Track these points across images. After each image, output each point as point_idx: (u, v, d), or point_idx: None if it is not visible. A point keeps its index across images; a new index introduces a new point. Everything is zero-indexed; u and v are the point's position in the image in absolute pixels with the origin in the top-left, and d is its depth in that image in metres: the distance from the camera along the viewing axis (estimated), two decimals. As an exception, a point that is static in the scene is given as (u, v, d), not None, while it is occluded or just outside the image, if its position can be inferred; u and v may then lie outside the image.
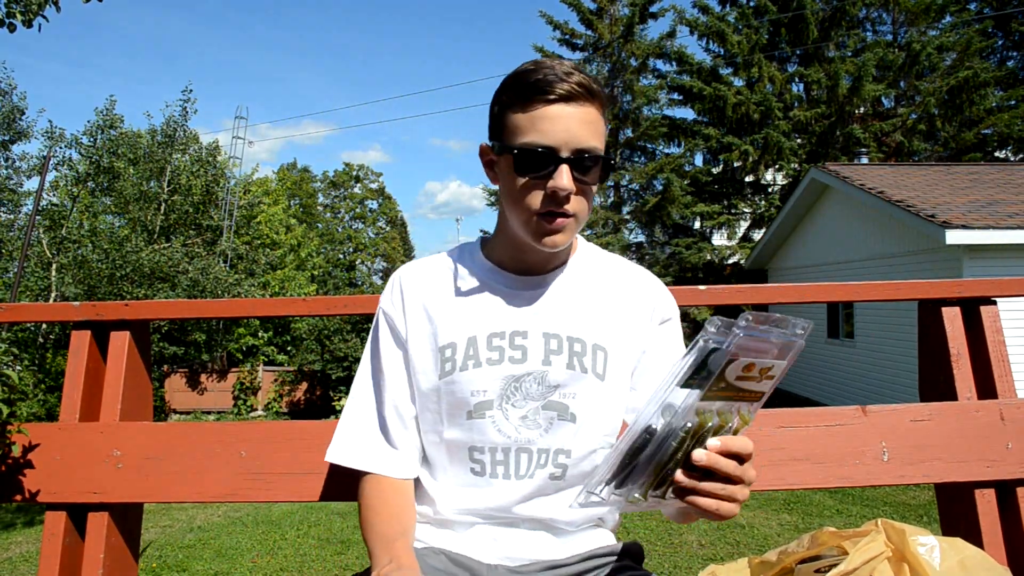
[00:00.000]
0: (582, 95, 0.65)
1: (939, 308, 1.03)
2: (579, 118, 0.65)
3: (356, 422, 0.75)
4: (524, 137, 0.66)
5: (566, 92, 0.65)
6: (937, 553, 0.75)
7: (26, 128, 10.29)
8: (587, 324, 0.72)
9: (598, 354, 0.71)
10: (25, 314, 1.21)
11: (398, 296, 0.76)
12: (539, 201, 0.66)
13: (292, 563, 3.32)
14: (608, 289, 0.75)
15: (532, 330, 0.71)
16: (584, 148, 0.66)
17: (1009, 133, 10.92)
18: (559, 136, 0.65)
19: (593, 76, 0.68)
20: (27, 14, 2.05)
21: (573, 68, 0.66)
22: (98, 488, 0.97)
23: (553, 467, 0.70)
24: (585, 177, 0.66)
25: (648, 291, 0.76)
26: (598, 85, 0.67)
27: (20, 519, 4.92)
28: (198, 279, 9.81)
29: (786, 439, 0.96)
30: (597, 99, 0.67)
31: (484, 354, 0.71)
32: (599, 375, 0.71)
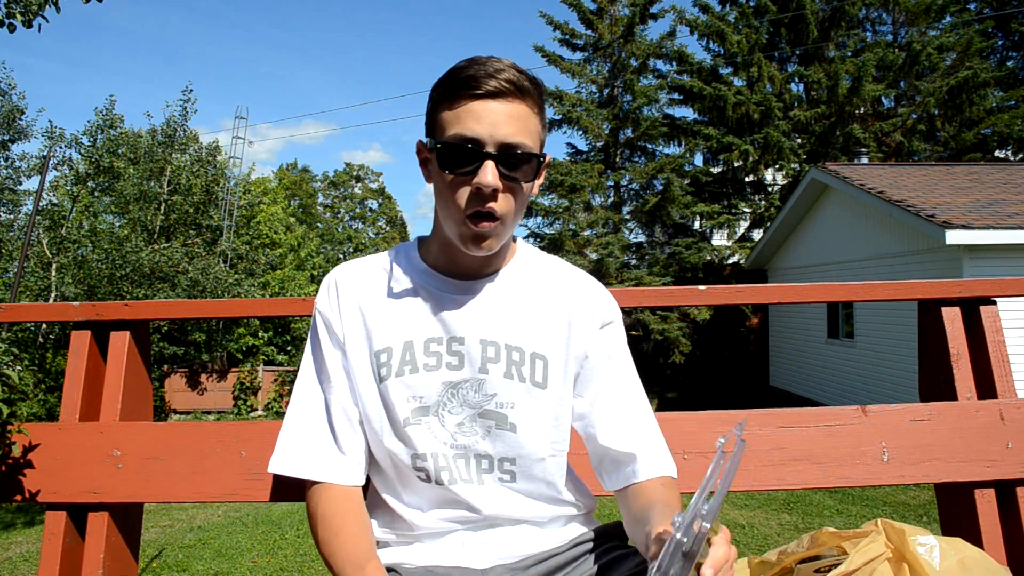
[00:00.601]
0: (510, 91, 0.64)
1: (939, 308, 1.03)
2: (506, 113, 0.64)
3: (302, 428, 0.72)
4: (450, 130, 0.64)
5: (493, 88, 0.63)
6: (937, 553, 0.75)
7: (26, 128, 10.28)
8: (525, 332, 0.70)
9: (537, 363, 0.70)
10: (25, 314, 1.21)
11: (334, 298, 0.74)
12: (465, 199, 0.65)
13: (292, 563, 3.32)
14: (547, 295, 0.73)
15: (469, 336, 0.70)
16: (511, 143, 0.64)
17: (1009, 133, 10.91)
18: (484, 131, 0.63)
19: (528, 73, 0.66)
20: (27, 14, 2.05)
21: (506, 65, 0.64)
22: (98, 488, 0.97)
23: (500, 473, 0.70)
24: (513, 174, 0.64)
25: (588, 295, 0.74)
26: (531, 82, 0.66)
27: (20, 519, 4.92)
28: (198, 279, 9.81)
29: (786, 439, 0.96)
30: (528, 96, 0.65)
31: (421, 359, 0.69)
32: (539, 384, 0.70)
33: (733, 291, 1.05)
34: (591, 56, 12.18)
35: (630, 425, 0.72)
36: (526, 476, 0.70)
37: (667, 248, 11.83)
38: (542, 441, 0.70)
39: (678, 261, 11.34)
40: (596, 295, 0.75)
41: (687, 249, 11.35)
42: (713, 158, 12.28)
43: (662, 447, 0.73)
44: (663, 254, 11.80)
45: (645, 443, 0.72)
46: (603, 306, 0.75)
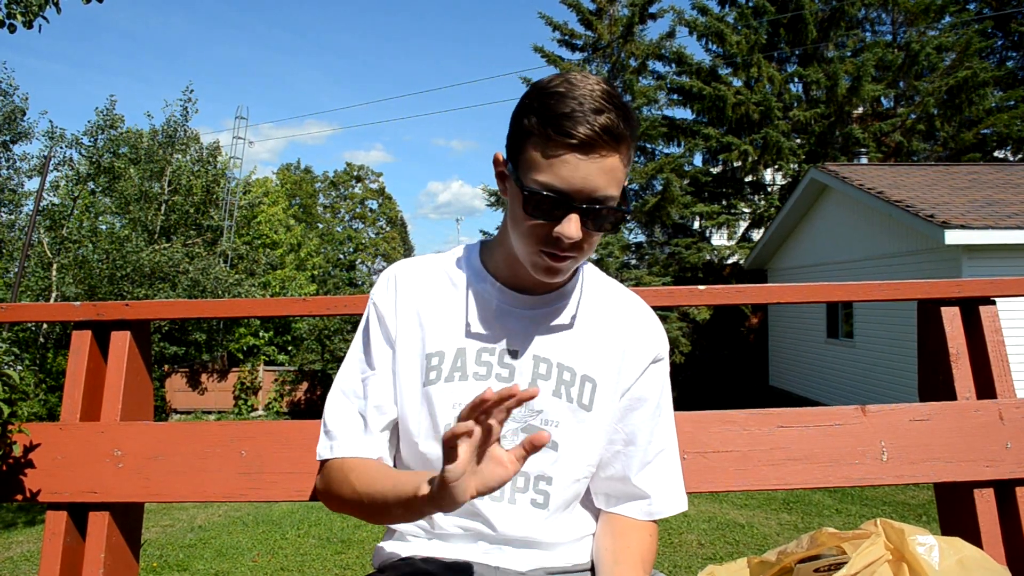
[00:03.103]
0: (606, 143, 0.60)
1: (938, 308, 1.03)
2: (599, 168, 0.61)
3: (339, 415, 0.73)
4: (540, 176, 0.62)
5: (590, 139, 0.60)
6: (936, 553, 0.75)
7: (27, 129, 10.28)
8: (579, 354, 0.71)
9: (586, 385, 0.70)
10: (26, 314, 1.21)
11: (392, 293, 0.73)
12: (543, 239, 0.64)
13: (292, 562, 3.32)
14: (604, 320, 0.73)
15: (523, 351, 0.70)
16: (598, 198, 0.62)
17: (1008, 133, 10.92)
18: (575, 184, 0.61)
19: (627, 110, 0.62)
20: (27, 15, 2.05)
21: (603, 103, 0.60)
22: (99, 488, 0.97)
23: (535, 493, 0.70)
24: (596, 226, 0.64)
25: (645, 328, 0.75)
26: (628, 123, 0.62)
27: (21, 519, 4.92)
28: (198, 279, 9.82)
29: (786, 439, 0.96)
30: (623, 143, 0.62)
31: (471, 367, 0.69)
32: (585, 406, 0.70)
33: (732, 291, 1.06)
34: (590, 56, 12.18)
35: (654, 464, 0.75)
36: (559, 498, 0.70)
37: (667, 248, 11.83)
38: (580, 463, 0.71)
39: (678, 261, 11.34)
40: (652, 329, 0.76)
41: (687, 249, 11.35)
42: (712, 158, 12.28)
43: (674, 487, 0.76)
44: (663, 254, 11.80)
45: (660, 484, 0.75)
46: (657, 341, 0.76)
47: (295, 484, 0.96)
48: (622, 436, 0.74)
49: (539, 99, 0.62)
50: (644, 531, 0.73)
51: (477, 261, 0.75)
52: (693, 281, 11.29)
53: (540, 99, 0.62)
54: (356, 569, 3.16)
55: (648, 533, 0.74)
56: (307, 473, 0.97)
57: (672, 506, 0.75)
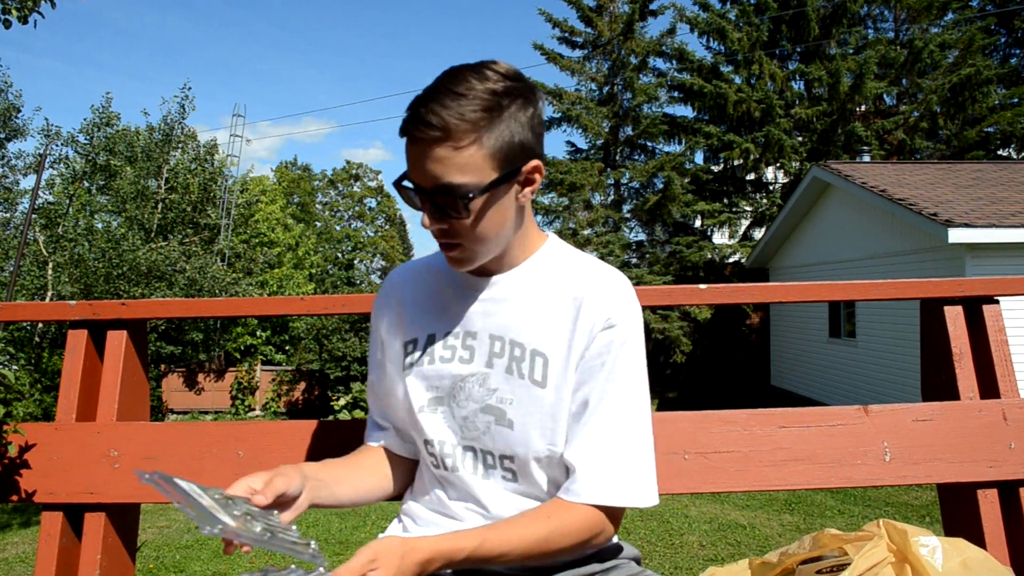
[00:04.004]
0: (433, 139, 0.62)
1: (941, 307, 1.02)
2: (431, 158, 0.62)
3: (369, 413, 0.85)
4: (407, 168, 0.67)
5: (417, 136, 0.62)
6: (939, 554, 0.74)
7: (22, 126, 10.27)
8: (530, 329, 0.70)
9: (536, 360, 0.69)
10: (21, 313, 1.20)
11: (382, 296, 0.80)
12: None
13: (290, 563, 3.32)
14: (558, 293, 0.71)
15: (481, 331, 0.72)
16: (439, 186, 0.63)
17: (1012, 131, 10.89)
18: (418, 176, 0.64)
19: (455, 95, 0.62)
20: (23, 10, 2.04)
21: (434, 91, 0.62)
22: (95, 488, 0.96)
23: (503, 471, 0.71)
24: (445, 213, 0.64)
25: (597, 294, 0.70)
26: (461, 115, 0.61)
27: (16, 520, 4.93)
28: (195, 278, 9.81)
29: (787, 439, 0.95)
30: (453, 135, 0.61)
31: (439, 352, 0.73)
32: (538, 382, 0.69)
33: (734, 290, 1.05)
34: (590, 54, 12.16)
35: (589, 437, 0.68)
36: (525, 477, 0.70)
37: (668, 247, 11.82)
38: (538, 441, 0.69)
39: (679, 260, 11.34)
40: (605, 294, 0.70)
41: (688, 248, 11.34)
42: (714, 156, 12.26)
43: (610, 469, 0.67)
44: (663, 253, 11.79)
45: (590, 460, 0.68)
46: (609, 306, 0.70)
47: (292, 485, 0.96)
48: (572, 412, 0.70)
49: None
50: (567, 510, 0.67)
51: None
52: (694, 280, 11.28)
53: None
54: (356, 568, 3.15)
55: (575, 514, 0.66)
56: (304, 474, 0.96)
57: (600, 491, 0.66)
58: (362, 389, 8.48)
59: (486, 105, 0.63)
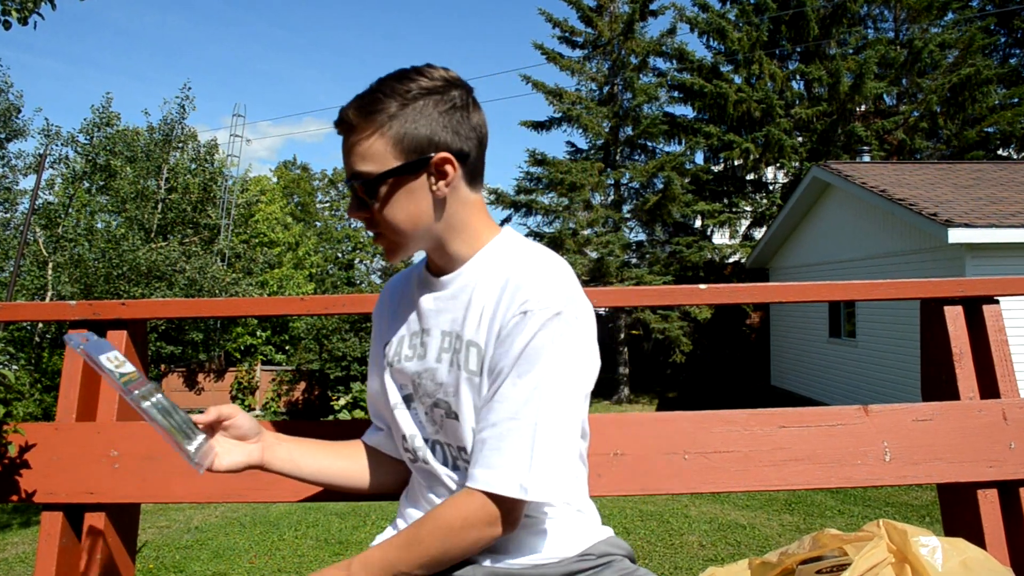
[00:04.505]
0: (345, 131, 0.71)
1: (941, 307, 1.03)
2: (346, 151, 0.71)
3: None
4: None
5: (339, 131, 0.71)
6: (939, 554, 0.74)
7: (22, 126, 10.27)
8: (466, 322, 0.73)
9: (471, 350, 0.71)
10: (21, 313, 1.20)
11: (378, 302, 0.87)
12: None
13: (290, 564, 3.32)
14: (489, 284, 0.72)
15: (434, 328, 0.76)
16: (351, 175, 0.71)
17: (1012, 131, 10.89)
18: (344, 167, 0.73)
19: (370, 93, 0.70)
20: (23, 11, 2.04)
21: (352, 103, 0.70)
22: (95, 488, 0.96)
23: (463, 462, 0.72)
24: (364, 199, 0.71)
25: (515, 282, 0.68)
26: (361, 109, 0.69)
27: (16, 519, 4.92)
28: (195, 278, 9.81)
29: (787, 439, 0.95)
30: (359, 127, 0.69)
31: (404, 351, 0.78)
32: (473, 372, 0.70)
33: (734, 290, 1.05)
34: (591, 54, 12.15)
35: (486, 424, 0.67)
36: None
37: (668, 247, 11.81)
38: None
39: (679, 260, 11.33)
40: (523, 282, 0.67)
41: (688, 248, 11.33)
42: (714, 156, 12.25)
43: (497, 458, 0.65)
44: (664, 253, 11.78)
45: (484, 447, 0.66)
46: (525, 292, 0.67)
47: (293, 485, 0.96)
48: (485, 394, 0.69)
49: None
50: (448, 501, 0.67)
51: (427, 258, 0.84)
52: (694, 280, 11.27)
53: None
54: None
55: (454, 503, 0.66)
56: (304, 474, 0.96)
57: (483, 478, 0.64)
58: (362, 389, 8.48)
59: (392, 100, 0.69)
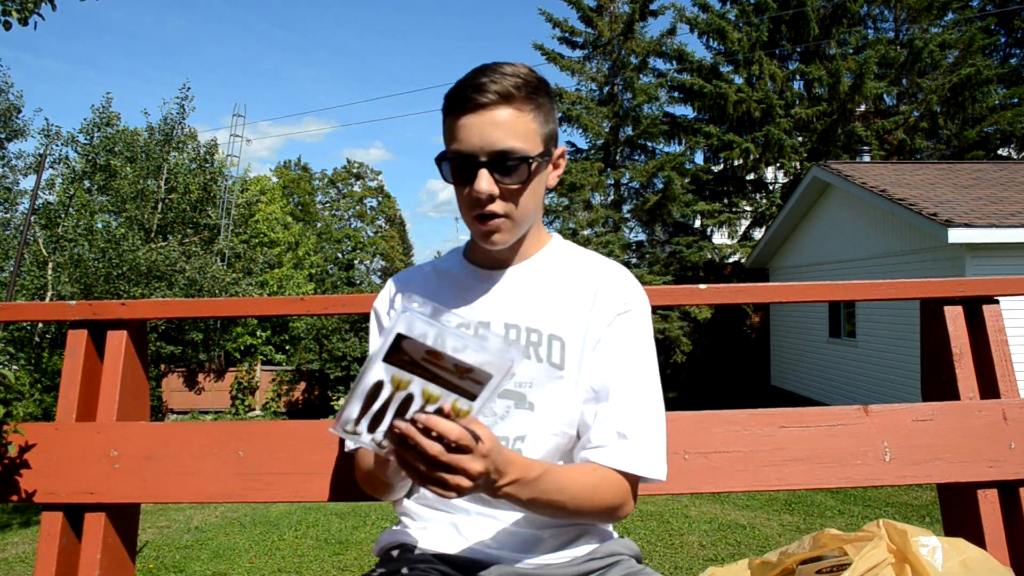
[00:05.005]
0: (495, 101, 0.69)
1: (941, 307, 1.02)
2: (492, 123, 0.69)
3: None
4: (449, 146, 0.71)
5: (481, 102, 0.68)
6: (939, 554, 0.74)
7: (22, 126, 10.28)
8: (545, 315, 0.74)
9: (554, 343, 0.73)
10: (21, 313, 1.20)
11: (386, 295, 0.83)
12: (469, 204, 0.71)
13: (290, 564, 3.32)
14: (570, 281, 0.76)
15: (495, 320, 0.75)
16: (500, 150, 0.69)
17: (1012, 131, 10.89)
18: (475, 143, 0.69)
19: (523, 76, 0.70)
20: (23, 12, 2.04)
21: (497, 76, 0.69)
22: (95, 488, 0.96)
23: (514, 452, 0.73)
24: (507, 178, 0.70)
25: (612, 281, 0.76)
26: (519, 87, 0.69)
27: (16, 519, 4.93)
28: (195, 278, 9.81)
29: (787, 439, 0.95)
30: (515, 100, 0.69)
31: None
32: (556, 364, 0.73)
33: (734, 290, 1.05)
34: (591, 54, 12.16)
35: (615, 417, 0.72)
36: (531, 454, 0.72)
37: (668, 247, 11.81)
38: (556, 421, 0.73)
39: (679, 260, 11.33)
40: (619, 281, 0.77)
41: (688, 248, 11.33)
42: (714, 156, 12.25)
43: (642, 445, 0.71)
44: (664, 253, 11.78)
45: (625, 434, 0.71)
46: (625, 292, 0.76)
47: (293, 485, 0.96)
48: (594, 390, 0.73)
49: (449, 88, 0.72)
50: (606, 470, 0.70)
51: (462, 253, 0.83)
52: (694, 280, 11.28)
53: (449, 88, 0.72)
54: (354, 570, 3.16)
55: (612, 476, 0.70)
56: (305, 473, 0.96)
57: (632, 461, 0.70)
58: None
59: (535, 86, 0.71)
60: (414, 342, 0.50)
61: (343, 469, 0.94)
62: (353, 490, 0.86)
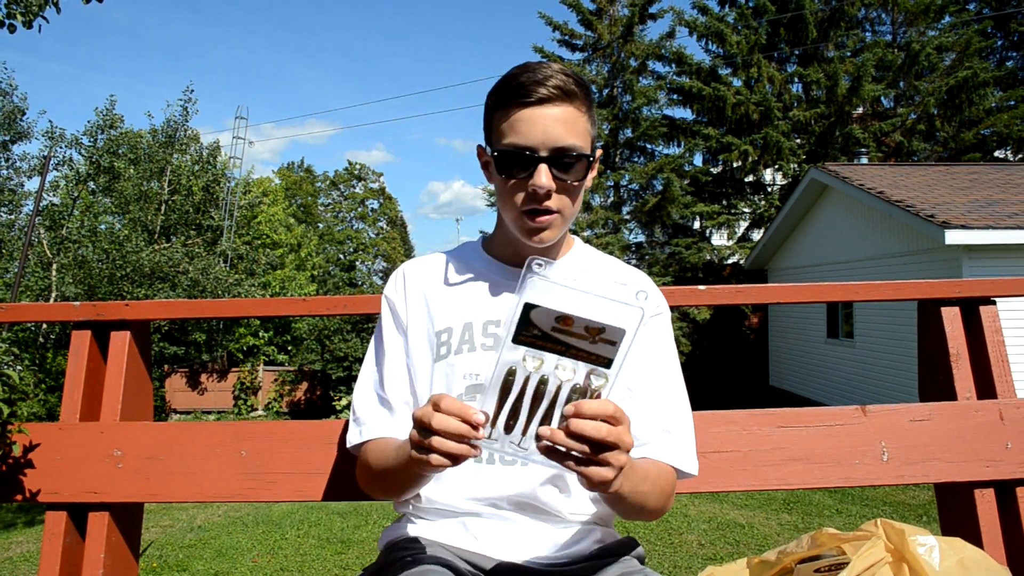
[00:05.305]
0: (558, 96, 0.68)
1: (938, 308, 1.03)
2: (555, 118, 0.68)
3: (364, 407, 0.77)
4: (505, 139, 0.69)
5: (544, 95, 0.67)
6: (937, 553, 0.75)
7: (27, 128, 10.29)
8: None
9: None
10: (26, 314, 1.21)
11: (400, 285, 0.80)
12: (522, 199, 0.70)
13: (292, 563, 3.32)
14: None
15: None
16: (562, 147, 0.68)
17: (1008, 133, 10.92)
18: (536, 137, 0.68)
19: (576, 75, 0.70)
20: (27, 15, 2.05)
21: (555, 71, 0.68)
22: (99, 488, 0.97)
23: None
24: (566, 175, 0.70)
25: (646, 287, 0.78)
26: (579, 85, 0.69)
27: (21, 519, 4.93)
28: (198, 279, 9.81)
29: (786, 439, 0.96)
30: (576, 98, 0.69)
31: (479, 339, 0.74)
32: None
33: (733, 291, 1.05)
34: (590, 56, 12.18)
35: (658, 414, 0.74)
36: None
37: (667, 248, 11.82)
38: None
39: (678, 261, 11.34)
40: (651, 287, 0.79)
41: (687, 249, 11.34)
42: (713, 158, 12.28)
43: (685, 442, 0.75)
44: (663, 254, 11.79)
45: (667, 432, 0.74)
46: (656, 297, 0.79)
47: (295, 484, 0.96)
48: (630, 389, 0.74)
49: (499, 82, 0.71)
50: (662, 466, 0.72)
51: (479, 247, 0.81)
52: (693, 281, 11.28)
53: (500, 81, 0.71)
54: (356, 569, 3.16)
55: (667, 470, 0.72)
56: (307, 473, 0.97)
57: (680, 458, 0.73)
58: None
59: (587, 87, 0.71)
60: (543, 311, 0.46)
61: (345, 469, 0.95)
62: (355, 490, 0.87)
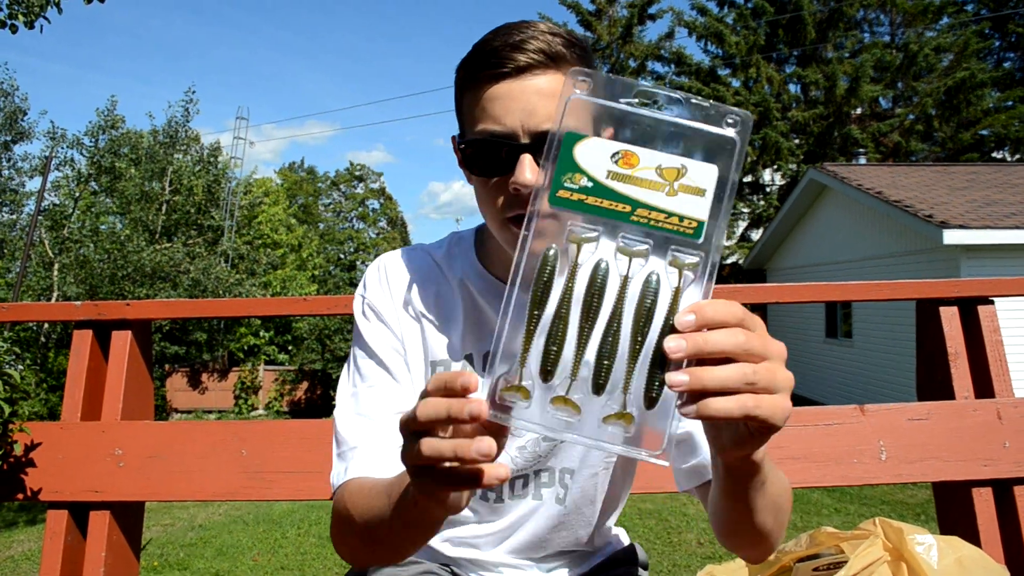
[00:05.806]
0: (541, 63, 0.51)
1: (937, 308, 1.04)
2: (539, 92, 0.51)
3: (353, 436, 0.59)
4: (477, 125, 0.52)
5: (522, 64, 0.50)
6: (935, 552, 0.75)
7: (28, 129, 10.29)
8: None
9: None
10: (27, 314, 1.21)
11: (385, 286, 0.64)
12: (503, 202, 0.53)
13: (293, 561, 3.32)
14: None
15: None
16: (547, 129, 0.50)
17: (1006, 133, 10.94)
18: (514, 120, 0.51)
19: (566, 32, 0.54)
20: (28, 15, 2.06)
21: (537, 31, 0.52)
22: (100, 487, 0.97)
23: (559, 487, 0.66)
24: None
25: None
26: (568, 46, 0.52)
27: (22, 517, 4.92)
28: (199, 279, 9.81)
29: (784, 438, 0.96)
30: (565, 63, 0.52)
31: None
32: None
33: (733, 291, 1.06)
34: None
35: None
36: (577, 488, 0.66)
37: (666, 248, 11.83)
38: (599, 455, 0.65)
39: (677, 261, 11.34)
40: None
41: (686, 249, 11.34)
42: (712, 158, 12.29)
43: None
44: (662, 254, 11.80)
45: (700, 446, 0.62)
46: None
47: (295, 483, 0.97)
48: None
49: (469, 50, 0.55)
50: None
51: (473, 255, 0.65)
52: (692, 281, 11.26)
53: (470, 49, 0.54)
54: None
55: None
56: (307, 472, 0.97)
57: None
58: (361, 390, 8.45)
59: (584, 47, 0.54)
60: (593, 145, 0.29)
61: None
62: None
